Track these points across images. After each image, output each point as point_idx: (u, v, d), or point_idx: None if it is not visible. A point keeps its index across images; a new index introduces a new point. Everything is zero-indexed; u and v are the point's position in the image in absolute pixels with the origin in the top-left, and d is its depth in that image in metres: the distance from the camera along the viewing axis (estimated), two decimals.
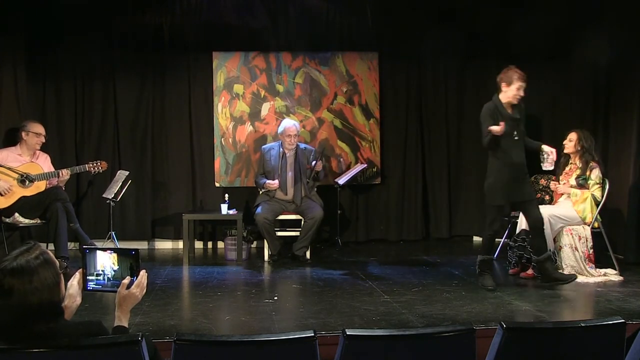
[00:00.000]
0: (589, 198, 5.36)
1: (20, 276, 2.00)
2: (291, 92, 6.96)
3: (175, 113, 6.89)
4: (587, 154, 5.43)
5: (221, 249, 6.68)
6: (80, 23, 6.48)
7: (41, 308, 2.00)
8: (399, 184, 7.18)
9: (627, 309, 4.26)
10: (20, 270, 2.00)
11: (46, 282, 2.02)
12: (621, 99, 6.22)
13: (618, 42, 6.04)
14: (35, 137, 5.81)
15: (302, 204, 6.13)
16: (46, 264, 2.05)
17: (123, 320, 2.35)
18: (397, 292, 4.79)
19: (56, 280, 2.06)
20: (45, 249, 2.13)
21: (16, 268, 2.01)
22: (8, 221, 5.67)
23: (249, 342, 2.18)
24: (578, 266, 5.26)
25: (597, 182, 5.39)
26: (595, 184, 5.38)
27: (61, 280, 2.11)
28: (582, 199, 5.38)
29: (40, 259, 2.04)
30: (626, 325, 2.31)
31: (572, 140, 5.53)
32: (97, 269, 2.38)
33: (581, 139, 5.47)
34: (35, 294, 1.99)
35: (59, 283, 2.08)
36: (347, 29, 6.98)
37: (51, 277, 2.04)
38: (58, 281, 2.07)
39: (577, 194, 5.41)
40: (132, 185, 6.44)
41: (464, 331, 2.23)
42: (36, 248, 2.09)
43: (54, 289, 2.05)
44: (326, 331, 3.69)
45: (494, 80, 7.09)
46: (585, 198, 5.37)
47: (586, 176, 5.40)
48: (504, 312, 4.20)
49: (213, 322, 4.06)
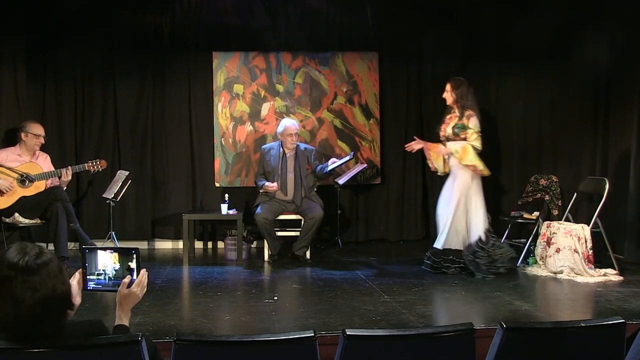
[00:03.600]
0: (469, 148, 5.24)
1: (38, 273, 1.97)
2: (291, 92, 6.96)
3: (175, 113, 6.89)
4: (462, 100, 5.33)
5: (221, 249, 6.68)
6: (80, 23, 6.49)
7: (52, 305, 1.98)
8: (399, 184, 7.18)
9: (627, 309, 4.26)
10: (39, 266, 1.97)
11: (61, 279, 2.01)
12: (621, 99, 6.23)
13: (618, 42, 6.05)
14: (35, 138, 5.81)
15: (302, 204, 6.13)
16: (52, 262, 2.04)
17: (124, 319, 2.35)
18: (397, 292, 4.79)
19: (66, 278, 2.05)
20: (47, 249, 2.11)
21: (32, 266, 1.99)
22: (8, 221, 5.67)
23: (249, 342, 2.18)
24: (577, 267, 5.26)
25: (476, 130, 5.26)
26: (474, 133, 5.25)
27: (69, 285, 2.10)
28: (464, 153, 5.25)
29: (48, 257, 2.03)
30: (626, 325, 2.31)
31: (447, 91, 5.45)
32: (98, 268, 2.38)
33: (454, 87, 5.38)
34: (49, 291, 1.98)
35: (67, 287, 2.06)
36: (347, 29, 6.98)
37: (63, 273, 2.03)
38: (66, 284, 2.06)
39: (458, 150, 5.29)
40: (132, 185, 6.45)
41: (464, 331, 2.23)
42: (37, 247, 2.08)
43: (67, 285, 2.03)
44: (326, 331, 3.69)
45: (494, 80, 7.18)
46: (466, 149, 5.24)
47: (463, 124, 5.29)
48: (504, 312, 4.20)
49: (213, 322, 4.06)
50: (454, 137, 5.36)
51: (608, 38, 6.09)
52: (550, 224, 5.57)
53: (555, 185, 6.26)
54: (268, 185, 6.13)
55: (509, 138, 7.16)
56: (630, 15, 5.93)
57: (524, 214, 6.20)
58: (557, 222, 5.67)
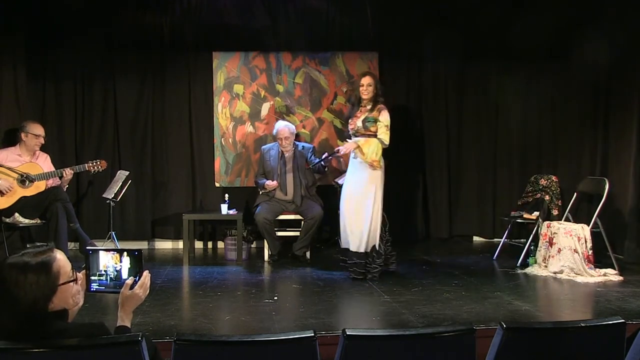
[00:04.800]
0: (375, 142, 5.15)
1: (12, 271, 1.99)
2: (291, 92, 6.96)
3: (175, 113, 6.89)
4: (378, 96, 5.23)
5: (221, 249, 6.68)
6: (80, 23, 6.48)
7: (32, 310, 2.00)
8: (399, 184, 7.17)
9: (627, 309, 4.26)
10: (14, 265, 2.00)
11: (31, 287, 2.01)
12: (621, 99, 6.23)
13: (618, 42, 6.05)
14: (35, 138, 5.81)
15: (302, 203, 6.13)
16: (41, 268, 2.03)
17: (126, 321, 2.35)
18: (397, 292, 4.79)
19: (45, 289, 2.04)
20: (54, 257, 2.10)
21: (13, 264, 2.00)
22: (8, 221, 5.67)
23: (249, 342, 2.18)
24: (577, 267, 5.27)
25: (386, 124, 5.16)
26: (384, 127, 5.15)
27: (60, 290, 2.09)
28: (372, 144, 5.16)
29: (37, 261, 2.03)
30: (626, 325, 2.31)
31: (370, 85, 5.24)
32: (100, 269, 2.38)
33: (376, 82, 5.27)
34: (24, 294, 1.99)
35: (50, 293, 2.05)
36: (347, 29, 6.98)
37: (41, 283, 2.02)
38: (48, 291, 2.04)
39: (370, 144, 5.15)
40: (132, 185, 6.44)
41: (464, 331, 2.23)
42: (44, 252, 2.08)
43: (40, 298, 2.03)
44: (326, 331, 3.69)
45: (494, 80, 7.18)
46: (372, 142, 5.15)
47: (374, 117, 5.18)
48: (504, 312, 4.20)
49: (213, 322, 4.06)
50: (364, 130, 5.18)
51: (608, 38, 6.09)
52: (551, 224, 5.57)
53: (555, 185, 6.25)
54: (268, 183, 6.14)
55: (509, 138, 7.16)
56: (630, 15, 5.93)
57: (523, 214, 6.20)
58: (557, 222, 5.67)
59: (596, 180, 5.91)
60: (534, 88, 7.10)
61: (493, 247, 6.41)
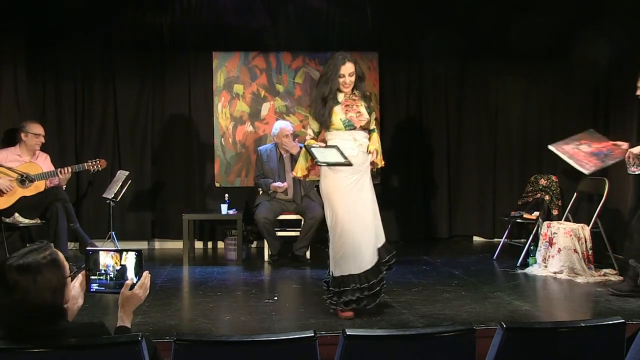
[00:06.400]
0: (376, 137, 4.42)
1: (25, 274, 2.00)
2: (291, 92, 6.96)
3: (175, 113, 6.89)
4: (360, 80, 4.35)
5: (221, 249, 6.68)
6: (80, 23, 6.48)
7: (42, 309, 2.00)
8: (399, 184, 7.18)
9: (627, 309, 4.26)
10: (26, 268, 2.00)
11: (50, 284, 2.02)
12: (621, 99, 6.23)
13: (618, 42, 6.05)
14: (35, 137, 5.81)
15: (302, 202, 6.13)
16: (53, 265, 2.05)
17: (126, 321, 2.35)
18: (397, 292, 4.79)
19: (61, 283, 2.06)
20: (56, 251, 2.12)
21: (22, 265, 2.01)
22: (8, 221, 5.67)
23: (249, 342, 2.18)
24: (577, 267, 5.26)
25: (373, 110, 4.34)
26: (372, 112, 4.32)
27: (67, 284, 2.11)
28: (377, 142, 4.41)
29: (48, 259, 2.05)
30: (626, 325, 2.31)
31: (354, 72, 4.28)
32: (100, 269, 2.38)
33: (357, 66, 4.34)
34: (37, 294, 1.99)
35: (63, 286, 2.08)
36: (347, 29, 6.98)
37: (56, 279, 2.04)
38: (63, 284, 2.07)
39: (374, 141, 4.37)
40: (132, 185, 6.44)
41: (464, 331, 2.23)
42: (46, 248, 2.09)
43: (58, 291, 2.05)
44: (326, 331, 3.69)
45: (494, 80, 7.18)
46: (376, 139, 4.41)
47: (372, 108, 4.34)
48: (504, 312, 4.20)
49: (213, 322, 4.06)
50: (367, 125, 4.33)
51: (608, 38, 6.09)
52: (551, 224, 5.57)
53: (555, 185, 6.25)
54: (278, 184, 6.10)
55: (509, 138, 7.16)
56: (630, 15, 5.93)
57: (523, 214, 6.20)
58: (557, 222, 5.67)
59: (596, 180, 5.90)
60: (534, 88, 7.10)
61: (493, 247, 6.41)
